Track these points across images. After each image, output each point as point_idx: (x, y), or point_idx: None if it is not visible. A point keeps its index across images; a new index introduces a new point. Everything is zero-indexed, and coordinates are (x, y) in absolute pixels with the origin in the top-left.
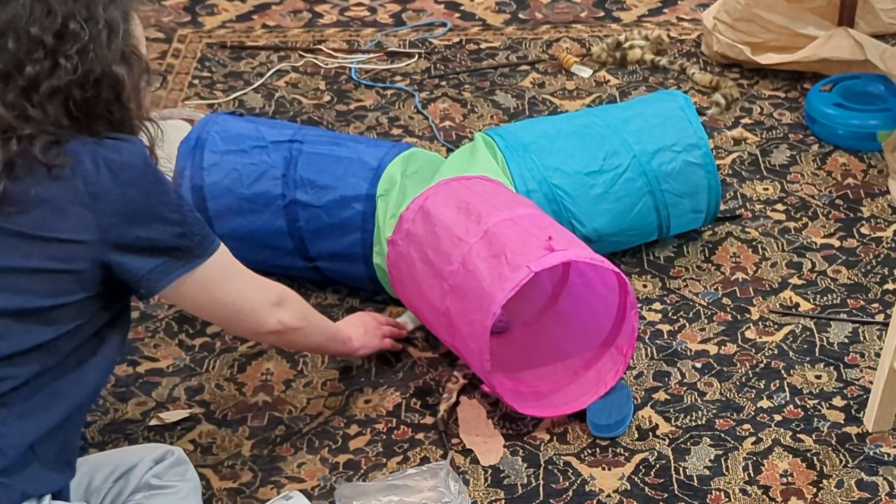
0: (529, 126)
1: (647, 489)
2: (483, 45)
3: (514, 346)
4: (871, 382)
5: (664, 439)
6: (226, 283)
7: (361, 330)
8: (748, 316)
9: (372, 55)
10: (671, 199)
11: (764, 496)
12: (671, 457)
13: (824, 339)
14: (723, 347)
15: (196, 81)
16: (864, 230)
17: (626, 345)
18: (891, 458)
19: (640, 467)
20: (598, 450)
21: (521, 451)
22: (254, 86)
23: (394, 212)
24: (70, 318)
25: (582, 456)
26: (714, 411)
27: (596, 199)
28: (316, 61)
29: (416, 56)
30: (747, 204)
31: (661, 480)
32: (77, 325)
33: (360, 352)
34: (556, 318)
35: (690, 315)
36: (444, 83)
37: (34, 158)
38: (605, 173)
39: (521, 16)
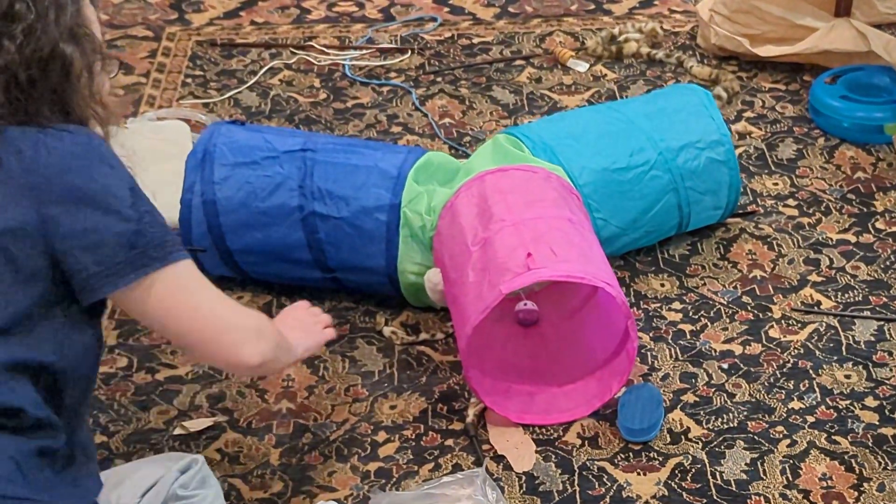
0: (552, 124)
1: (685, 494)
2: (475, 40)
3: (515, 350)
4: None
5: (697, 443)
6: (189, 296)
7: (300, 332)
8: (770, 314)
9: (364, 51)
10: (694, 197)
11: (805, 500)
12: (706, 461)
13: (850, 337)
14: (748, 347)
15: (189, 80)
16: (879, 225)
17: (617, 377)
18: None
19: (676, 472)
20: (631, 454)
21: (553, 456)
22: (248, 84)
23: (420, 224)
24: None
25: (615, 461)
26: (745, 413)
27: (621, 196)
28: (308, 58)
29: (409, 52)
30: (758, 199)
31: (699, 485)
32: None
33: (303, 356)
34: (572, 327)
35: (711, 314)
36: (439, 79)
37: None
38: (631, 170)
39: (511, 9)
